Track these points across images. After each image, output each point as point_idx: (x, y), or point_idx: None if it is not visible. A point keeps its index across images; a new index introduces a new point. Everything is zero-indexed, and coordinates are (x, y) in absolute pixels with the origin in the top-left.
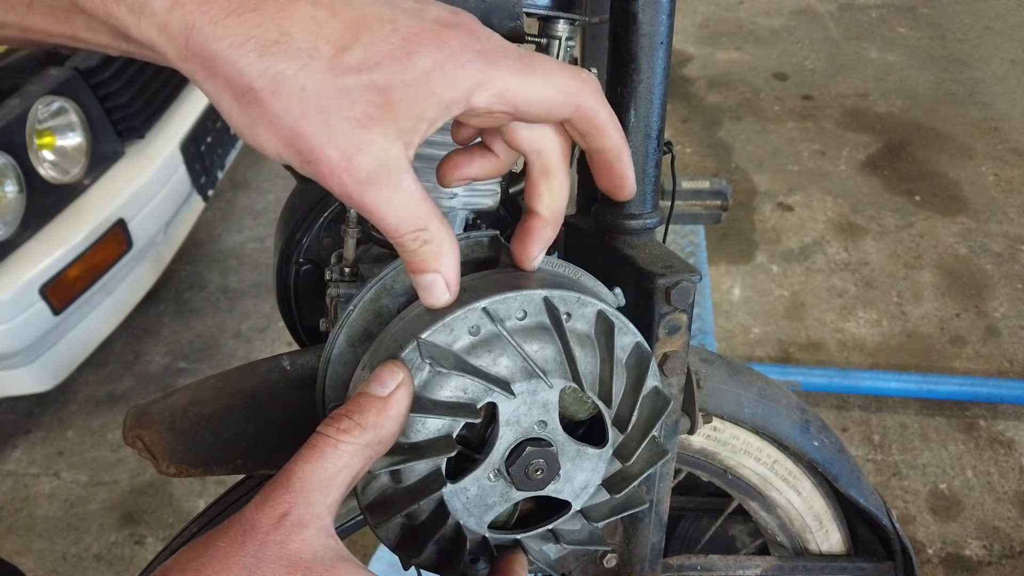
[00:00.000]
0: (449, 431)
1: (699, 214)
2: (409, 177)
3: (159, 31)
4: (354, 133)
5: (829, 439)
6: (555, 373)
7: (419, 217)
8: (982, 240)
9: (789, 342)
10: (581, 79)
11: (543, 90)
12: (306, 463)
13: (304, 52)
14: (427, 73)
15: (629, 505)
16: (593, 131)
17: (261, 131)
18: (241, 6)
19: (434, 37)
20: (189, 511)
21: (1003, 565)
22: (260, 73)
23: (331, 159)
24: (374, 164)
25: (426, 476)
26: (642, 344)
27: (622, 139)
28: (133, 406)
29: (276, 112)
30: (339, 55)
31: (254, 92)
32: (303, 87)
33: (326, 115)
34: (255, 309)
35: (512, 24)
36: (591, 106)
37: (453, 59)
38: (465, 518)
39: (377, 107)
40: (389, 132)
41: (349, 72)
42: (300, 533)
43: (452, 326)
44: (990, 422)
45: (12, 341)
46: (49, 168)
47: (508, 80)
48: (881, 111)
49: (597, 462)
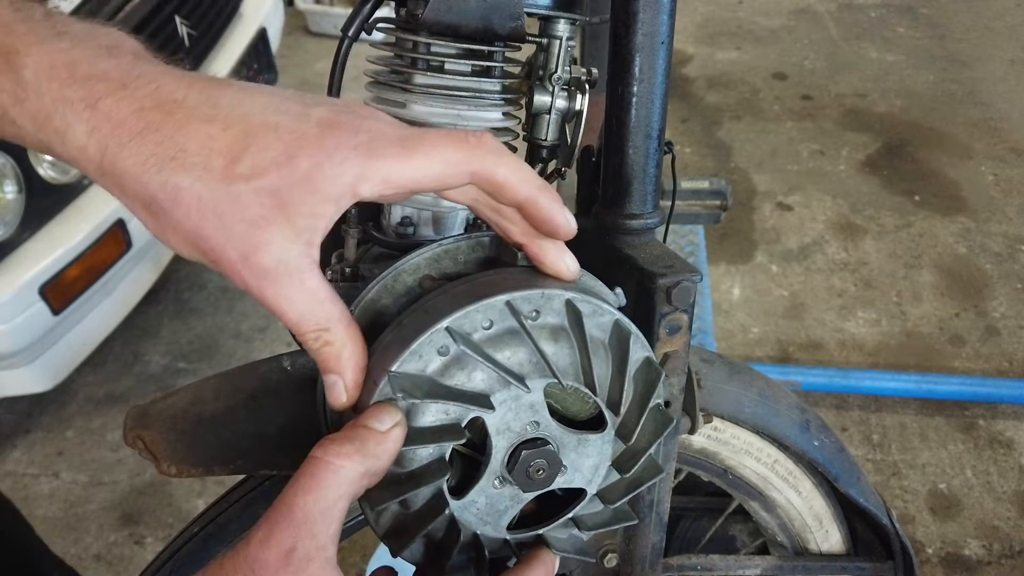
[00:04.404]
0: (440, 454)
1: (699, 214)
2: (312, 276)
3: (79, 152)
4: (250, 234)
5: (829, 439)
6: (532, 374)
7: (320, 317)
8: (981, 240)
9: (789, 342)
10: (469, 145)
11: (428, 167)
12: (307, 494)
13: (198, 165)
14: (308, 174)
15: (644, 479)
16: (497, 190)
17: (170, 236)
18: (146, 128)
19: (313, 139)
20: (189, 511)
21: (1003, 565)
22: (160, 186)
23: (231, 258)
24: (273, 262)
25: (430, 500)
26: (621, 320)
27: (534, 185)
28: (133, 406)
29: (178, 219)
30: (230, 166)
31: (158, 203)
32: (199, 195)
33: (222, 219)
34: (255, 309)
35: (512, 24)
36: (485, 168)
37: (330, 158)
38: (481, 527)
39: (271, 209)
40: (286, 232)
41: (239, 180)
42: (307, 569)
43: (420, 352)
44: (989, 422)
45: (11, 341)
46: (48, 168)
47: (389, 166)
48: (880, 111)
49: (601, 446)
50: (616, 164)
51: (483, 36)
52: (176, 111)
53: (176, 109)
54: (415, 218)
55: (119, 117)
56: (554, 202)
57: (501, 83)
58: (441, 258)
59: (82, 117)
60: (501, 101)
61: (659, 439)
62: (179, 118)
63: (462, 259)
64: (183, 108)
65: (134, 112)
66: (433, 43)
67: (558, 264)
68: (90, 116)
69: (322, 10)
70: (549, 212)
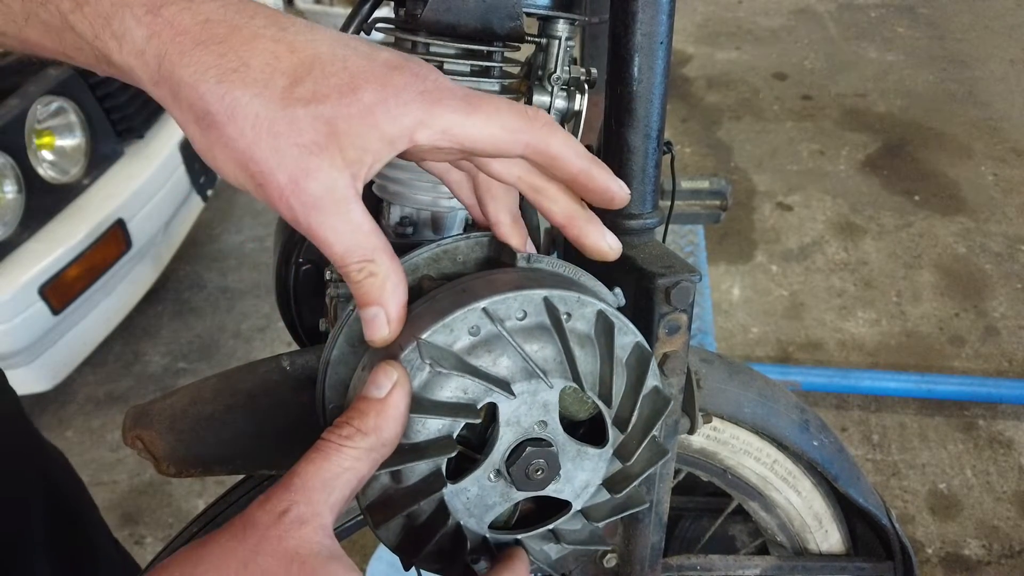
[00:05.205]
0: (449, 431)
1: (698, 214)
2: (357, 207)
3: (136, 57)
4: (302, 159)
5: (828, 439)
6: (555, 373)
7: (365, 248)
8: (981, 240)
9: (788, 342)
10: (527, 116)
11: (487, 128)
12: (309, 464)
13: (260, 82)
14: (370, 107)
15: (630, 505)
16: (550, 163)
17: (218, 153)
18: (210, 38)
19: (380, 76)
20: (188, 511)
21: (1002, 565)
22: (218, 98)
23: (280, 182)
24: (321, 189)
25: (426, 476)
26: (642, 343)
27: (585, 159)
28: (133, 406)
29: (231, 135)
30: (292, 87)
31: (212, 116)
32: (256, 113)
33: (276, 140)
34: (254, 309)
35: (511, 24)
36: (541, 140)
37: (396, 96)
38: (466, 518)
39: (324, 136)
40: (336, 160)
41: (299, 103)
42: (299, 530)
43: (452, 326)
44: (989, 422)
45: (12, 341)
46: (48, 168)
47: (451, 118)
48: (880, 111)
49: (598, 462)
50: (615, 164)
51: (482, 36)
52: (243, 28)
53: (243, 26)
54: (414, 218)
55: (182, 25)
56: (607, 173)
57: (500, 83)
58: (440, 258)
59: (143, 22)
60: None
61: (652, 468)
62: (245, 34)
63: (461, 259)
64: (250, 27)
65: (199, 23)
66: (432, 43)
67: (600, 243)
68: (151, 21)
69: (322, 10)
70: (604, 182)
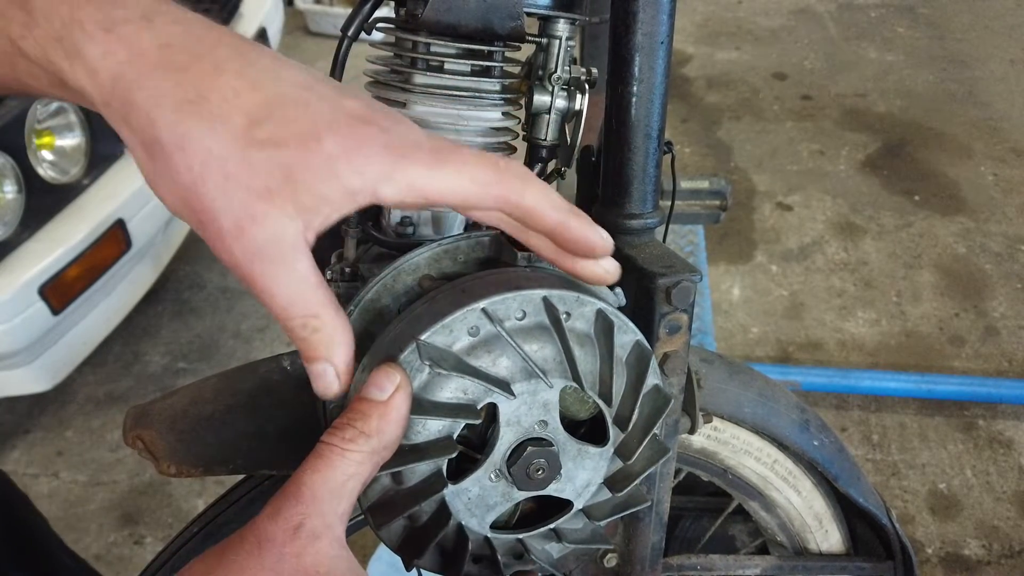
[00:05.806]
0: (449, 432)
1: (698, 214)
2: (304, 259)
3: (89, 76)
4: (251, 203)
5: (828, 439)
6: (555, 373)
7: (310, 303)
8: (981, 240)
9: (788, 342)
10: (499, 168)
11: (456, 182)
12: (315, 472)
13: (216, 117)
14: (332, 158)
15: (631, 503)
16: (524, 216)
17: (162, 183)
18: (169, 64)
19: (345, 126)
20: (188, 511)
21: (1002, 565)
22: (169, 127)
23: (223, 226)
24: (267, 237)
25: (427, 477)
26: (641, 342)
27: (562, 210)
28: (133, 406)
29: (178, 168)
30: (250, 128)
31: (160, 144)
32: (208, 149)
33: (226, 181)
34: (254, 309)
35: (512, 24)
36: (513, 192)
37: (359, 150)
38: (467, 519)
39: (279, 182)
40: (287, 208)
41: (256, 145)
42: (315, 545)
43: (451, 327)
44: (989, 422)
45: (11, 341)
46: (48, 168)
47: (417, 172)
48: (880, 111)
49: (598, 461)
50: (616, 164)
51: (483, 36)
52: (204, 57)
53: (205, 55)
54: (415, 218)
55: (139, 47)
56: (585, 223)
57: (501, 83)
58: (441, 258)
59: (96, 39)
60: (501, 101)
61: (653, 466)
62: (206, 65)
63: (462, 259)
64: (212, 57)
65: (158, 46)
66: (433, 43)
67: (595, 272)
68: (105, 39)
69: (322, 10)
70: (582, 234)
